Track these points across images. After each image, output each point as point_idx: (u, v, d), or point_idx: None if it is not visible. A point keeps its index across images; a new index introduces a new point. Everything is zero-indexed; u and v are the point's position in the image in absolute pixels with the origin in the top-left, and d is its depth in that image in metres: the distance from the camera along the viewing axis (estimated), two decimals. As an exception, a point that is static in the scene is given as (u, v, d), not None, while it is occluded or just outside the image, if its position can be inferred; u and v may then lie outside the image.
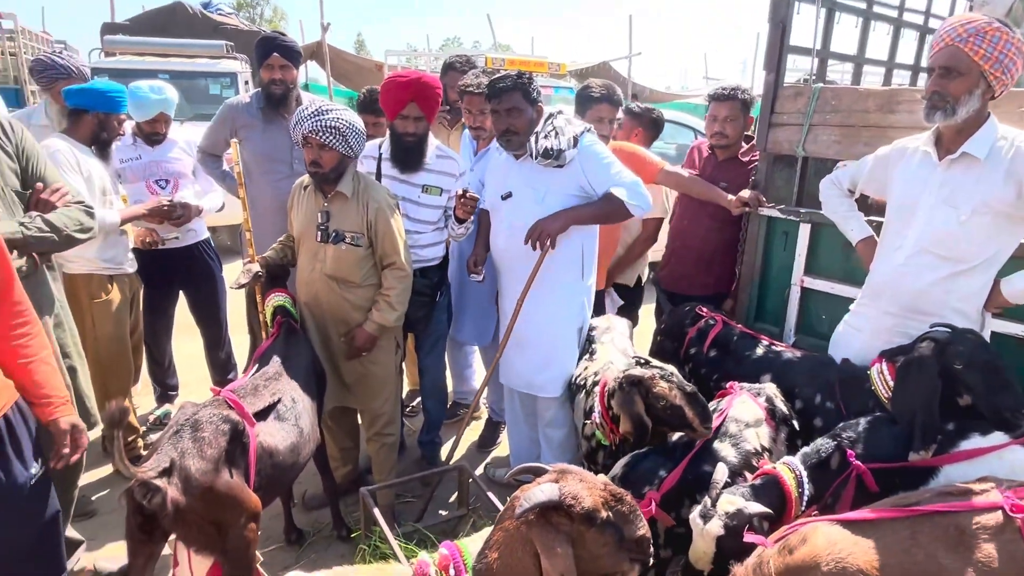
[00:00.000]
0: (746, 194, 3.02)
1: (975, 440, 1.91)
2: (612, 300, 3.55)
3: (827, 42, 3.13)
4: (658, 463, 2.09)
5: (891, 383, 2.09)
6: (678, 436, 2.23)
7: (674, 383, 2.08)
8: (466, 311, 3.40)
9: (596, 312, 3.09)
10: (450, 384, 3.92)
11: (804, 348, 2.74)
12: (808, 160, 3.00)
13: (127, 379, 3.12)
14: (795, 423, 2.32)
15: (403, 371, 3.49)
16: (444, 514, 2.98)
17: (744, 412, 2.23)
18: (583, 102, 3.32)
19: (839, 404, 2.32)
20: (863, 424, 2.03)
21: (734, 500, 1.77)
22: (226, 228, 6.98)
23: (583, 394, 2.58)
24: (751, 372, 2.56)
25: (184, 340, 3.91)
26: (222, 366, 3.78)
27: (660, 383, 2.08)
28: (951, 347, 1.98)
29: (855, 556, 1.50)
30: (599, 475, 1.54)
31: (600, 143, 2.73)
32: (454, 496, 3.11)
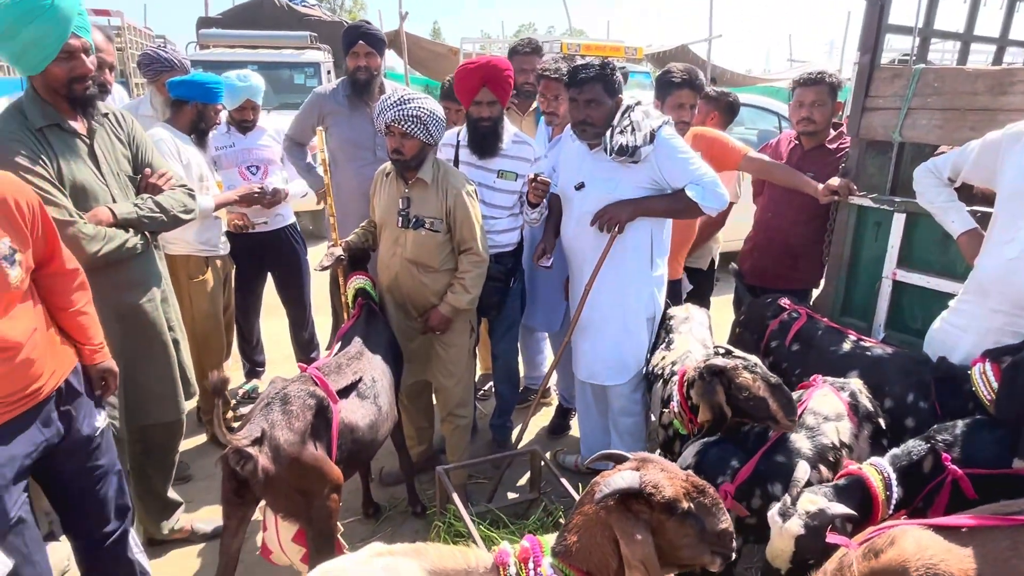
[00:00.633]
0: (835, 182, 2.88)
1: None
2: (682, 285, 3.49)
3: (931, 19, 2.93)
4: (729, 452, 2.05)
5: (995, 384, 1.96)
6: (750, 424, 2.18)
7: (758, 374, 2.02)
8: (537, 298, 3.42)
9: (673, 303, 3.04)
10: (522, 369, 3.97)
11: (895, 344, 2.61)
12: (904, 146, 2.83)
13: (220, 355, 3.33)
14: (881, 421, 2.21)
15: (476, 355, 3.56)
16: (515, 496, 3.03)
17: (824, 405, 2.15)
18: (663, 87, 3.24)
19: (934, 404, 2.20)
20: (961, 426, 1.91)
21: (816, 500, 1.71)
22: (308, 213, 7.26)
23: (660, 383, 2.56)
24: (836, 368, 2.45)
25: (270, 320, 4.12)
26: (305, 345, 3.96)
27: (743, 374, 2.02)
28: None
29: (948, 563, 1.43)
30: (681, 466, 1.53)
31: (678, 137, 2.67)
32: (524, 479, 3.16)
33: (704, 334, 2.76)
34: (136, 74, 9.28)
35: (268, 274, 3.84)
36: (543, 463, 2.87)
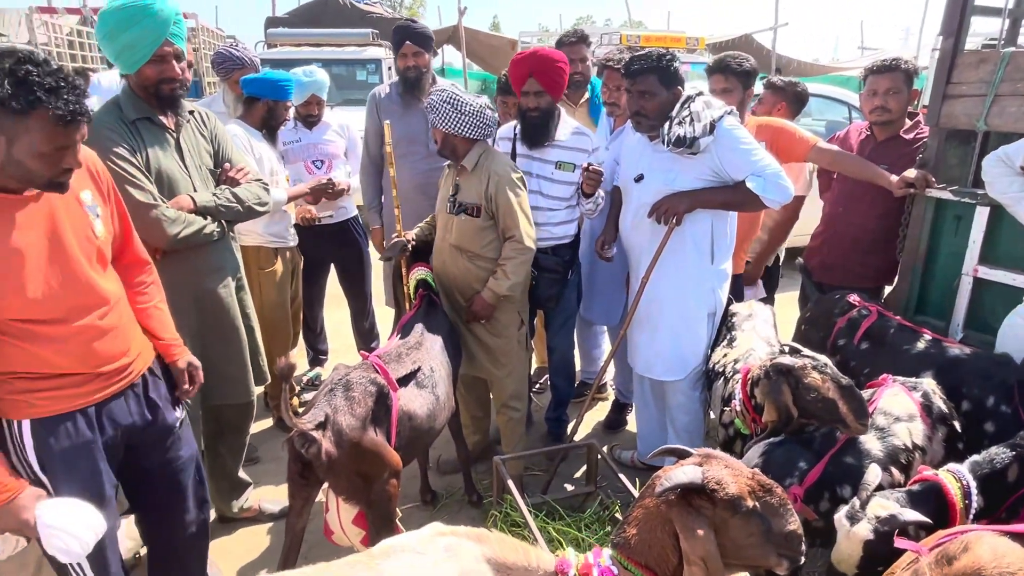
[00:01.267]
0: (912, 173, 2.74)
1: None
2: (756, 291, 3.43)
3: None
4: (797, 453, 1.98)
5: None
6: (815, 424, 2.10)
7: (828, 374, 1.94)
8: (595, 291, 3.40)
9: (735, 298, 2.97)
10: (578, 363, 3.96)
11: (974, 345, 2.47)
12: (989, 135, 2.67)
13: (287, 343, 3.45)
14: (957, 424, 2.11)
15: (532, 348, 3.57)
16: (570, 488, 3.03)
17: (895, 405, 2.06)
18: (707, 77, 3.22)
19: (1017, 409, 2.08)
20: (1051, 433, 1.80)
21: (887, 505, 1.64)
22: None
23: (721, 381, 2.51)
24: (909, 368, 2.34)
25: (332, 310, 4.24)
26: (366, 334, 4.06)
27: (812, 374, 1.95)
28: None
29: (1028, 574, 1.35)
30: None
31: (741, 128, 2.59)
32: (579, 473, 3.15)
33: (768, 332, 2.69)
34: (209, 73, 9.70)
35: (331, 265, 3.96)
36: (600, 456, 2.86)
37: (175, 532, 2.08)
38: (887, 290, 3.20)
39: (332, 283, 4.02)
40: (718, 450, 1.50)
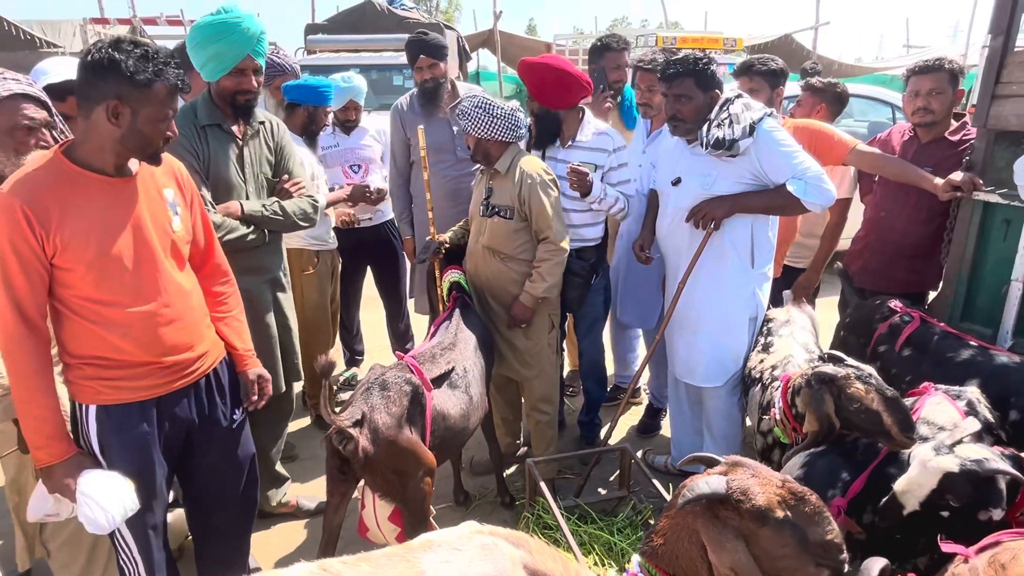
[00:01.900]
0: (958, 176, 2.67)
1: None
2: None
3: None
4: (839, 464, 1.94)
5: None
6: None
7: (872, 385, 1.89)
8: (631, 294, 3.39)
9: (772, 303, 2.93)
10: (612, 367, 3.95)
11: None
12: (1041, 137, 2.58)
13: (327, 343, 3.53)
14: (1003, 434, 2.04)
15: (564, 351, 3.57)
16: (603, 492, 3.02)
17: (939, 415, 1.99)
18: (735, 80, 3.22)
19: (1069, 420, 2.00)
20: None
21: (980, 450, 1.58)
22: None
23: (759, 387, 2.47)
24: (954, 376, 2.27)
25: (367, 312, 4.31)
26: (401, 336, 4.12)
27: (855, 384, 1.90)
28: None
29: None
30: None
31: (781, 130, 2.55)
32: (612, 476, 3.14)
33: (807, 338, 2.64)
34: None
35: (367, 267, 4.02)
36: (633, 461, 2.84)
37: (222, 527, 2.16)
38: (931, 296, 3.12)
39: (368, 285, 4.09)
40: (749, 459, 1.47)
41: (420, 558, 1.30)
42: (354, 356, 4.23)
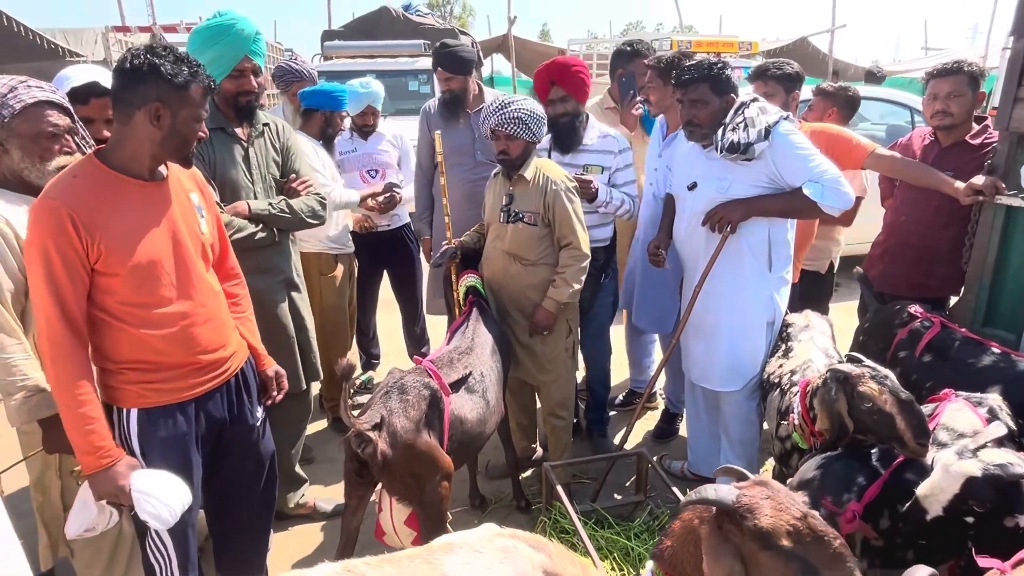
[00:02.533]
0: (980, 180, 2.64)
1: None
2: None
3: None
4: (855, 468, 1.92)
5: None
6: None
7: (887, 386, 1.86)
8: (647, 298, 3.37)
9: (789, 308, 2.91)
10: (628, 371, 3.94)
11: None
12: (1065, 140, 2.55)
13: (346, 345, 3.56)
14: (1025, 443, 2.01)
15: (579, 357, 3.57)
16: (619, 497, 3.02)
17: (959, 421, 1.97)
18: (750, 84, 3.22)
19: (1095, 427, 1.97)
20: None
21: (1004, 455, 1.56)
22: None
23: (776, 392, 2.46)
24: (975, 382, 2.24)
25: (383, 315, 4.34)
26: (417, 340, 4.14)
27: (869, 383, 1.88)
28: None
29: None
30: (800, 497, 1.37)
31: (797, 133, 2.54)
32: (628, 482, 3.13)
33: (826, 343, 2.61)
34: (268, 85, 10.04)
35: (383, 271, 4.05)
36: (649, 466, 2.84)
37: (243, 525, 2.19)
38: (952, 301, 3.08)
39: (384, 289, 4.12)
40: (770, 464, 1.46)
41: (442, 560, 1.31)
42: (370, 360, 4.26)
